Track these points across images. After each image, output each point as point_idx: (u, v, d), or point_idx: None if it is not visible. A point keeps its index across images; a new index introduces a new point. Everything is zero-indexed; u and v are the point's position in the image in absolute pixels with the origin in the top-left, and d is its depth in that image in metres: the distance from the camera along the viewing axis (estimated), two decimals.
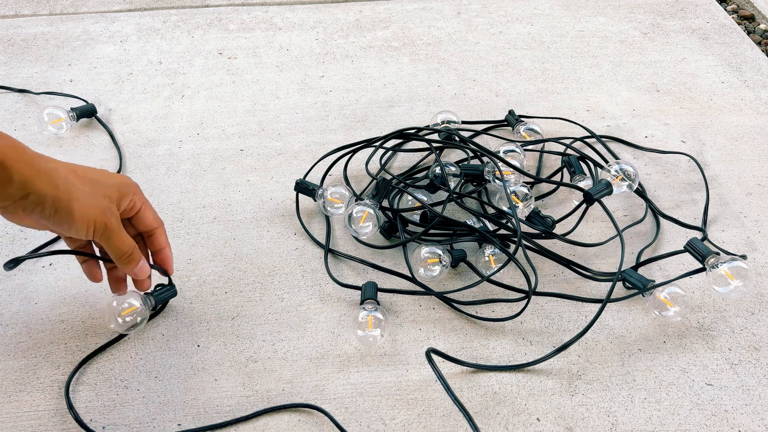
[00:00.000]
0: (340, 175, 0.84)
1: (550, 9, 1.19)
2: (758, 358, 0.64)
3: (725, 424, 0.58)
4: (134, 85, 1.01)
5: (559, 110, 0.95)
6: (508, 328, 0.66)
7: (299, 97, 0.98)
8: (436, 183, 0.76)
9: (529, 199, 0.74)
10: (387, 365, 0.63)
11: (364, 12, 1.19)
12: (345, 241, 0.75)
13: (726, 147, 0.88)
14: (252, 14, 1.18)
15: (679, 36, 1.11)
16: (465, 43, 1.10)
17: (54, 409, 0.59)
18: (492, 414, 0.59)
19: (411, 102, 0.97)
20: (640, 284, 0.66)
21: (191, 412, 0.59)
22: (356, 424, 0.58)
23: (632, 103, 0.96)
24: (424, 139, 0.84)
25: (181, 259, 0.73)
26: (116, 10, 1.19)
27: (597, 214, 0.77)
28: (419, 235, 0.72)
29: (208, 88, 1.00)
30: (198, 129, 0.92)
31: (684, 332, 0.66)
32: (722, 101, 0.96)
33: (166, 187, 0.82)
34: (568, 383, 0.61)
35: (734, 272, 0.63)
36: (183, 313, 0.68)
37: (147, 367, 0.63)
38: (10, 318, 0.67)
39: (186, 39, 1.11)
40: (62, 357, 0.64)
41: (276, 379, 0.62)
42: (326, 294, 0.70)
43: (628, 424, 0.58)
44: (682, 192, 0.81)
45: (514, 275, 0.71)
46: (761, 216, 0.78)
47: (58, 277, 0.71)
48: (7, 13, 1.18)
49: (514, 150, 0.80)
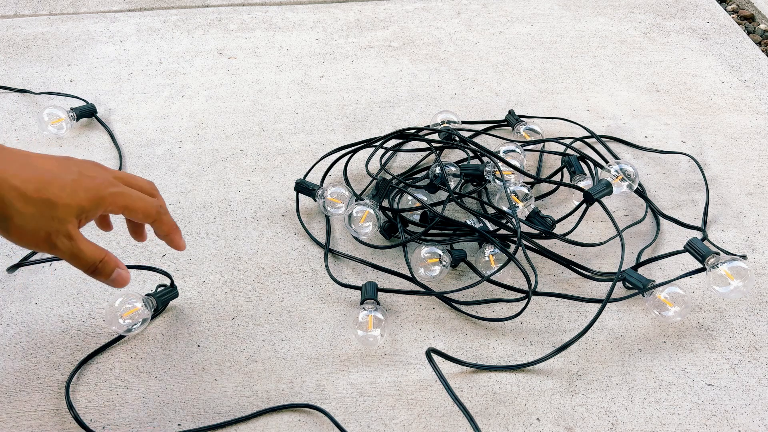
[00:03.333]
0: (340, 175, 0.84)
1: (550, 9, 1.19)
2: (758, 358, 0.64)
3: (725, 424, 0.58)
4: (134, 85, 1.01)
5: (559, 110, 0.95)
6: (508, 328, 0.66)
7: (299, 97, 0.98)
8: (436, 183, 0.76)
9: (529, 199, 0.74)
10: (387, 365, 0.63)
11: (364, 12, 1.19)
12: (345, 241, 0.75)
13: (726, 147, 0.88)
14: (252, 14, 1.18)
15: (679, 36, 1.11)
16: (465, 43, 1.10)
17: (54, 409, 0.59)
18: (492, 414, 0.59)
19: (411, 102, 0.97)
20: (640, 284, 0.66)
21: (191, 412, 0.59)
22: (356, 424, 0.58)
23: (632, 103, 0.96)
24: (424, 139, 0.84)
25: (181, 259, 0.73)
26: (116, 10, 1.19)
27: (597, 214, 0.77)
28: (419, 235, 0.72)
29: (208, 88, 1.00)
30: (198, 129, 0.92)
31: (684, 332, 0.66)
32: (722, 101, 0.96)
33: (166, 187, 0.82)
34: (568, 383, 0.61)
35: (734, 272, 0.63)
36: (183, 313, 0.68)
37: (147, 367, 0.63)
38: (10, 318, 0.67)
39: (186, 39, 1.11)
40: (62, 357, 0.64)
41: (276, 379, 0.62)
42: (326, 294, 0.70)
43: (628, 424, 0.58)
44: (682, 192, 0.81)
45: (514, 275, 0.71)
46: (761, 216, 0.78)
47: (58, 277, 0.71)
48: (7, 13, 1.18)
49: (514, 150, 0.80)
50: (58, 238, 0.50)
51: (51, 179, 0.50)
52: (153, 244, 0.75)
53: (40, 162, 0.51)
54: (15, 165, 0.49)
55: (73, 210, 0.50)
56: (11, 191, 0.47)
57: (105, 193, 0.52)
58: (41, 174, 0.49)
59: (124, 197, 0.53)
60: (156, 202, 0.57)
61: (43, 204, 0.49)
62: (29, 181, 0.48)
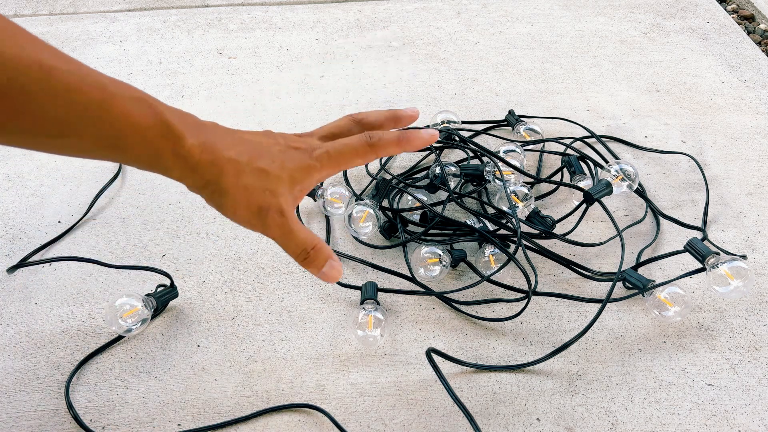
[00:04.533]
0: (340, 175, 0.84)
1: (550, 9, 1.19)
2: (758, 358, 0.64)
3: (725, 424, 0.58)
4: (134, 85, 1.00)
5: (559, 110, 0.95)
6: (508, 328, 0.66)
7: (299, 97, 0.98)
8: (436, 183, 0.76)
9: (529, 199, 0.74)
10: (387, 365, 0.63)
11: (364, 12, 1.19)
12: (345, 241, 0.75)
13: (726, 147, 0.88)
14: (252, 14, 1.18)
15: (679, 36, 1.11)
16: (465, 43, 1.10)
17: (54, 409, 0.59)
18: (492, 414, 0.59)
19: (411, 102, 0.97)
20: (640, 284, 0.66)
21: (191, 412, 0.59)
22: (356, 424, 0.58)
23: (632, 103, 0.96)
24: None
25: (181, 259, 0.73)
26: (116, 10, 1.19)
27: (597, 214, 0.77)
28: (419, 235, 0.72)
29: (208, 88, 1.00)
30: None
31: (684, 332, 0.66)
32: (722, 101, 0.96)
33: (166, 187, 0.82)
34: (568, 383, 0.61)
35: (734, 272, 0.63)
36: (183, 313, 0.68)
37: (147, 367, 0.63)
38: (10, 318, 0.67)
39: (186, 39, 1.11)
40: (62, 357, 0.64)
41: (276, 379, 0.62)
42: (326, 294, 0.70)
43: (628, 424, 0.58)
44: (682, 192, 0.81)
45: (514, 275, 0.71)
46: (761, 216, 0.78)
47: (58, 277, 0.71)
48: (6, 13, 1.18)
49: (514, 150, 0.80)
50: (269, 212, 0.47)
51: (262, 151, 0.48)
52: (153, 244, 0.75)
53: (248, 136, 0.50)
54: (228, 139, 0.48)
55: (285, 182, 0.48)
56: (227, 163, 0.46)
57: (312, 161, 0.49)
58: (253, 146, 0.48)
59: (331, 157, 0.49)
60: (361, 138, 0.50)
61: (258, 174, 0.47)
62: (243, 153, 0.47)
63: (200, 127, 0.47)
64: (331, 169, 0.50)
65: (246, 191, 0.47)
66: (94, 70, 0.43)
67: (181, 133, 0.45)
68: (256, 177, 0.47)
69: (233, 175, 0.46)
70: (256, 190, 0.47)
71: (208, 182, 0.46)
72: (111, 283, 0.71)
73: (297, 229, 0.48)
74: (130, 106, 0.44)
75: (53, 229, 0.77)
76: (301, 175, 0.48)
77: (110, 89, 0.43)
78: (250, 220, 0.48)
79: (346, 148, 0.50)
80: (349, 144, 0.50)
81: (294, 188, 0.48)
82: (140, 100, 0.45)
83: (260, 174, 0.47)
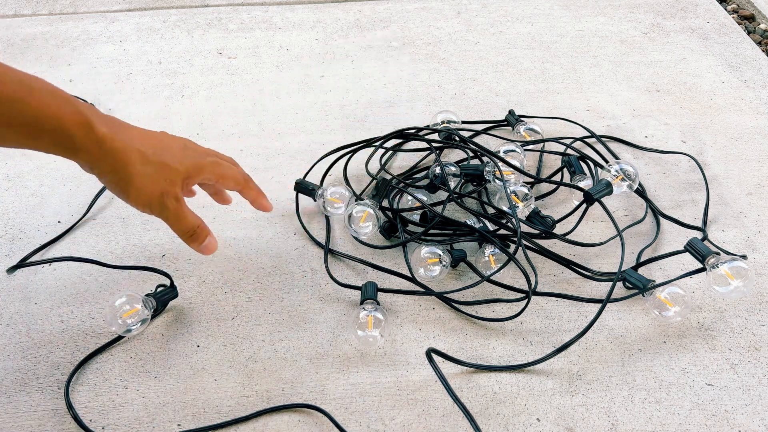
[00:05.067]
0: (340, 175, 0.84)
1: (550, 9, 1.19)
2: (758, 358, 0.63)
3: (725, 424, 0.58)
4: (134, 85, 1.01)
5: (559, 110, 0.95)
6: (508, 328, 0.66)
7: (299, 97, 0.98)
8: (436, 183, 0.76)
9: (529, 199, 0.74)
10: (387, 365, 0.63)
11: (364, 12, 1.19)
12: (345, 241, 0.75)
13: (726, 147, 0.88)
14: (252, 14, 1.18)
15: (679, 36, 1.11)
16: (465, 43, 1.10)
17: (53, 409, 0.59)
18: (492, 414, 0.59)
19: (411, 102, 0.97)
20: (640, 284, 0.66)
21: (191, 412, 0.59)
22: (356, 424, 0.58)
23: (632, 103, 0.96)
24: (424, 139, 0.84)
25: (181, 259, 0.73)
26: (116, 10, 1.19)
27: (597, 214, 0.77)
28: (419, 235, 0.72)
29: (208, 88, 1.00)
30: (198, 129, 0.92)
31: (684, 332, 0.66)
32: (722, 101, 0.96)
33: None
34: (568, 383, 0.61)
35: (734, 272, 0.63)
36: (183, 314, 0.68)
37: (146, 368, 0.63)
38: (10, 318, 0.67)
39: (186, 39, 1.11)
40: (62, 357, 0.64)
41: (276, 379, 0.62)
42: (326, 294, 0.70)
43: (628, 424, 0.58)
44: (682, 192, 0.81)
45: (514, 275, 0.71)
46: (761, 216, 0.78)
47: (58, 277, 0.71)
48: (6, 13, 1.18)
49: (514, 150, 0.80)
50: (168, 198, 0.57)
51: (165, 147, 0.58)
52: (152, 244, 0.75)
53: (153, 133, 0.59)
54: (134, 132, 0.56)
55: (181, 174, 0.58)
56: (135, 153, 0.54)
57: (205, 162, 0.61)
58: (158, 142, 0.57)
59: (221, 167, 0.62)
60: (243, 171, 0.66)
61: (160, 166, 0.56)
62: (149, 147, 0.56)
63: (108, 118, 0.55)
64: (213, 177, 0.62)
65: (149, 179, 0.55)
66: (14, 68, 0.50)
67: (94, 122, 0.52)
68: (158, 168, 0.56)
69: (139, 163, 0.55)
70: (159, 179, 0.56)
71: (114, 168, 0.54)
72: (111, 283, 0.70)
73: (187, 213, 0.59)
74: (48, 99, 0.50)
75: (53, 229, 0.77)
76: (194, 171, 0.59)
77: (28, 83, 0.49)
78: (150, 204, 0.56)
79: (232, 170, 0.64)
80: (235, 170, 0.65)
81: (186, 180, 0.59)
82: (56, 94, 0.51)
83: (162, 166, 0.56)
